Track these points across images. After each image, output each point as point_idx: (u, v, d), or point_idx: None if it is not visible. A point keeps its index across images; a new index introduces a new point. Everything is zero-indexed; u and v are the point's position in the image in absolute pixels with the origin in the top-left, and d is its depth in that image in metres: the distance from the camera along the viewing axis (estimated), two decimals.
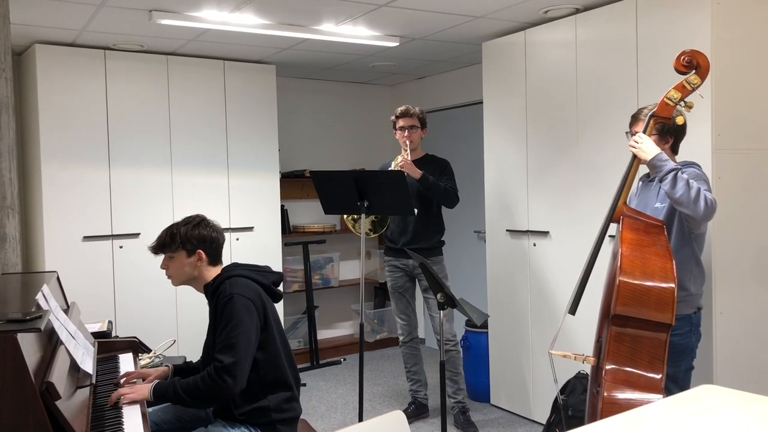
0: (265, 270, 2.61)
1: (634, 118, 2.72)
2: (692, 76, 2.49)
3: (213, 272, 2.55)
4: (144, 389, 2.33)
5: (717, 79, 2.99)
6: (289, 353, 2.59)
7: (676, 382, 2.56)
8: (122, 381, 2.48)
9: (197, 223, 2.55)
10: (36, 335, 1.85)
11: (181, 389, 2.34)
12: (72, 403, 1.90)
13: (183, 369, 2.65)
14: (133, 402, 2.28)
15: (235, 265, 2.59)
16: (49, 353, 1.96)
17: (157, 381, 2.41)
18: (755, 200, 3.21)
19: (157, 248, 2.55)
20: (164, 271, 2.58)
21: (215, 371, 2.31)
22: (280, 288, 2.67)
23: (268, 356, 2.45)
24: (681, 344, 2.57)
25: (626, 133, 2.75)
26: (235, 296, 2.38)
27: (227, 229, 4.70)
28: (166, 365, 2.66)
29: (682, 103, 2.51)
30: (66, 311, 2.49)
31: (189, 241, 2.50)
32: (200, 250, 2.51)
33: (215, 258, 2.57)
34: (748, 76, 3.16)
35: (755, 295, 3.23)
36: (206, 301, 2.57)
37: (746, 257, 3.19)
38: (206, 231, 2.54)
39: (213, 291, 2.50)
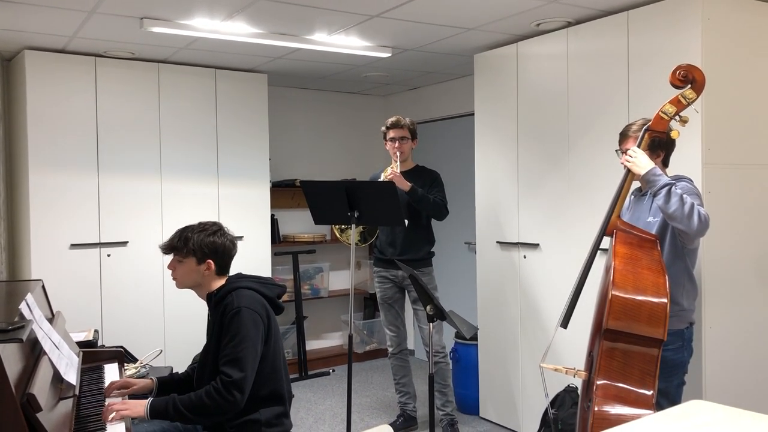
0: (269, 282, 2.58)
1: (623, 136, 2.72)
2: (687, 91, 2.49)
3: (218, 282, 2.52)
4: (139, 406, 2.26)
5: (707, 93, 2.99)
6: (285, 367, 2.56)
7: (668, 397, 2.55)
8: (111, 393, 2.43)
9: (213, 231, 2.50)
10: (18, 345, 1.82)
11: (182, 406, 2.27)
12: (54, 415, 1.87)
13: (167, 382, 2.60)
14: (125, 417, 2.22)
15: (240, 276, 2.55)
16: (31, 364, 1.93)
17: (152, 399, 2.34)
18: (744, 214, 3.22)
19: (167, 249, 2.50)
20: (170, 271, 2.54)
21: (223, 386, 2.27)
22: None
23: (267, 369, 2.42)
24: (673, 359, 2.56)
25: (616, 151, 2.76)
26: (243, 309, 2.36)
27: None
28: (151, 378, 2.61)
29: (677, 117, 2.51)
30: (51, 320, 2.45)
31: (201, 249, 2.46)
32: (210, 260, 2.48)
33: (223, 269, 2.54)
34: (738, 91, 3.18)
35: (745, 309, 3.23)
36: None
37: (736, 272, 3.19)
38: (220, 241, 2.50)
39: (217, 301, 2.46)
